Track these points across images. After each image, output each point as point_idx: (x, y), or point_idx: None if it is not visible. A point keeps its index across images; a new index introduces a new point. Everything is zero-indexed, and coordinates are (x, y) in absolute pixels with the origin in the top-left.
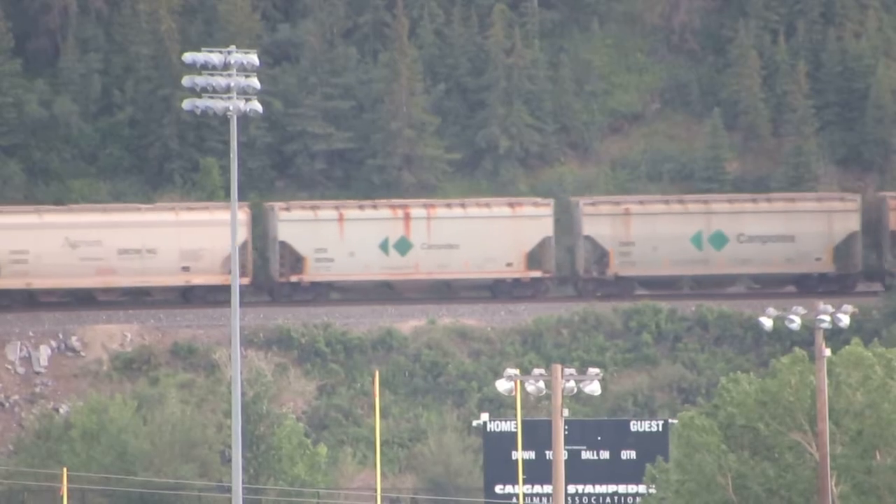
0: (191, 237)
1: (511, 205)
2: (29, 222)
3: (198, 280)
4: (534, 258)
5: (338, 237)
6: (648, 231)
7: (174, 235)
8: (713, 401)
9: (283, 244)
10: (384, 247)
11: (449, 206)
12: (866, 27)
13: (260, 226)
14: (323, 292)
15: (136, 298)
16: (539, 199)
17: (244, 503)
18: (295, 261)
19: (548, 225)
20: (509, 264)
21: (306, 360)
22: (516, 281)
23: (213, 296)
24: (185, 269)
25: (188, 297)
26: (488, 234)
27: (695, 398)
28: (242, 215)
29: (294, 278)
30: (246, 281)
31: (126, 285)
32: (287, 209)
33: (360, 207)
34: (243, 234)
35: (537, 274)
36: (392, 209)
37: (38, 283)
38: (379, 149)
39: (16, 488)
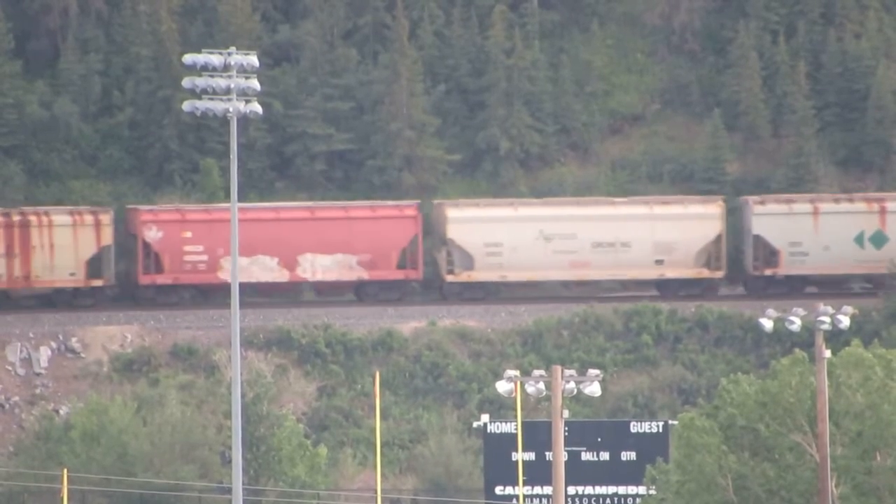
0: (664, 230)
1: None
2: (504, 215)
3: (671, 273)
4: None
5: (812, 231)
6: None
7: (648, 228)
8: (713, 402)
9: (758, 238)
10: (859, 240)
11: None
12: (866, 28)
13: (734, 219)
14: (797, 286)
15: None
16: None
17: None
18: (769, 254)
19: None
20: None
21: (306, 361)
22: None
23: (686, 290)
24: (659, 262)
25: (661, 290)
26: None
27: (695, 399)
28: (717, 209)
29: (768, 272)
30: (720, 274)
31: (599, 278)
32: (762, 203)
33: (836, 201)
34: (717, 227)
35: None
36: (867, 203)
37: (512, 276)
38: (379, 150)
39: (16, 489)
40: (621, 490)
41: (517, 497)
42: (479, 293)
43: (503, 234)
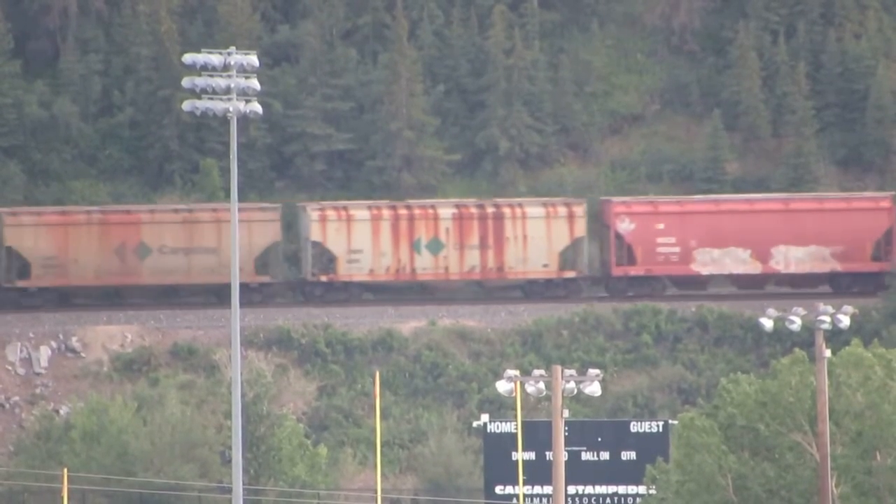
0: None
1: None
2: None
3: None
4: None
5: None
6: None
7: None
8: (713, 402)
9: None
10: None
11: None
12: (866, 28)
13: None
14: None
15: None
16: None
17: None
18: None
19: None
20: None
21: (306, 361)
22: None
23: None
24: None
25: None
26: None
27: (695, 399)
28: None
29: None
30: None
31: None
32: None
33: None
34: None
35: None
36: None
37: None
38: (379, 150)
39: (16, 489)
40: (621, 490)
41: (517, 497)
42: None
43: None
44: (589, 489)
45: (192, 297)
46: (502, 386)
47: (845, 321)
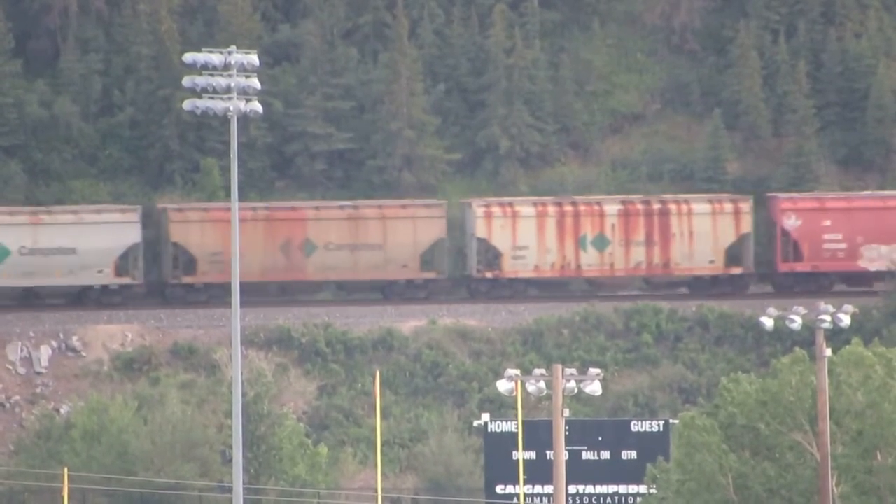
0: None
1: None
2: None
3: None
4: None
5: None
6: None
7: None
8: (714, 401)
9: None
10: None
11: None
12: (867, 27)
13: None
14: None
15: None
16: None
17: (245, 503)
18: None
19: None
20: None
21: (307, 360)
22: None
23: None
24: None
25: None
26: None
27: (695, 398)
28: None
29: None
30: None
31: None
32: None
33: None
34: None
35: None
36: None
37: None
38: (379, 149)
39: (17, 489)
40: (622, 489)
41: (518, 496)
42: None
43: None
44: (589, 488)
45: (356, 294)
46: (503, 385)
47: (846, 320)
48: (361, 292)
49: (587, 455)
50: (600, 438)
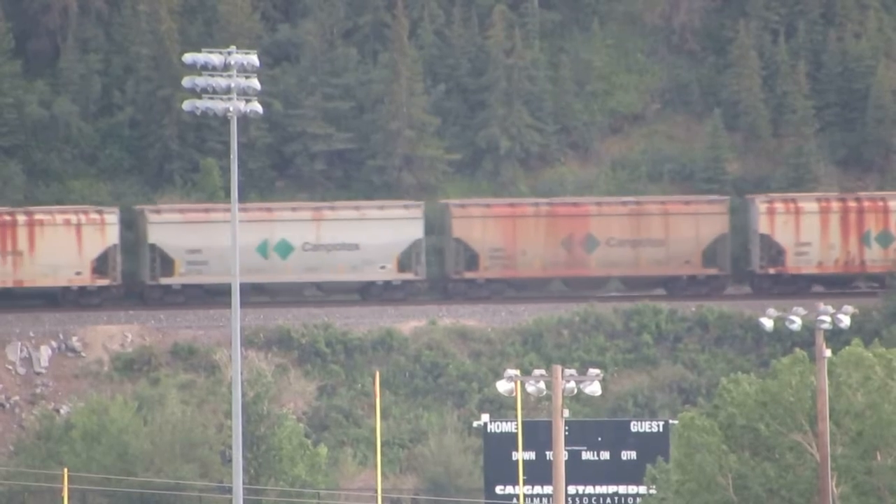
0: None
1: None
2: None
3: None
4: None
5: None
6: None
7: None
8: (713, 401)
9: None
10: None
11: None
12: (866, 28)
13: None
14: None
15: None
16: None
17: None
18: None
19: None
20: None
21: (307, 361)
22: None
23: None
24: None
25: None
26: None
27: (695, 399)
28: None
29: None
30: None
31: None
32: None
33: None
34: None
35: None
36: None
37: None
38: (379, 149)
39: (16, 489)
40: (622, 489)
41: (517, 496)
42: None
43: None
44: (589, 489)
45: (635, 289)
46: (502, 386)
47: (845, 321)
48: (642, 288)
49: (587, 455)
50: (600, 439)
